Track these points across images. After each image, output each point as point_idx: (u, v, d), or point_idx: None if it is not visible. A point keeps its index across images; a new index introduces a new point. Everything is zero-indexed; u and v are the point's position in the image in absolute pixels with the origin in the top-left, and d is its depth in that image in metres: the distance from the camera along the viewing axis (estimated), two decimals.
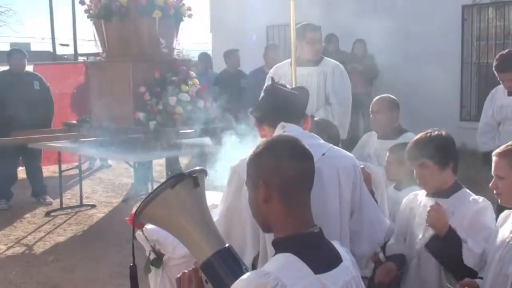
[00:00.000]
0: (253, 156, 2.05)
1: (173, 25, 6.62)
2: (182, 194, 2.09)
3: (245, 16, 12.37)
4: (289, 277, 1.81)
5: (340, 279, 1.91)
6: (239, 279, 1.85)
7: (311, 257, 1.87)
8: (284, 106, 2.63)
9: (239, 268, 2.01)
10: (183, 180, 2.09)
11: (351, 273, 1.98)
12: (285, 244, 1.91)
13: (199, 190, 2.14)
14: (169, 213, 2.10)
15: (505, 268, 2.58)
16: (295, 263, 1.85)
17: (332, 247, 1.99)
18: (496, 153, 2.65)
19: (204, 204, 2.17)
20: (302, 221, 1.95)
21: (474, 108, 10.38)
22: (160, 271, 3.35)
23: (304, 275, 1.83)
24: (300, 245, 1.89)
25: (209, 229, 2.10)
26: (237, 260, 2.05)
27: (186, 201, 2.09)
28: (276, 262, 1.88)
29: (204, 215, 2.12)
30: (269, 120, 2.63)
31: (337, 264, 1.94)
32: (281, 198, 1.94)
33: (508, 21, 10.00)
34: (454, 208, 2.96)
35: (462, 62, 10.30)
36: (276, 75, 5.34)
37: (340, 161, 2.53)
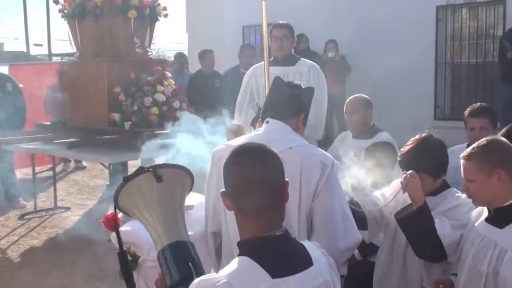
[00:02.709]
0: None
1: (149, 25, 6.58)
2: (141, 187, 2.19)
3: (221, 16, 12.35)
4: (242, 281, 1.80)
5: (305, 283, 1.88)
6: (191, 283, 1.86)
7: (269, 260, 1.84)
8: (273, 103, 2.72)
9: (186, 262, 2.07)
10: (140, 175, 2.18)
11: (322, 277, 1.94)
12: (244, 248, 1.91)
13: (165, 184, 2.18)
14: (133, 205, 2.21)
15: (478, 265, 2.61)
16: (251, 268, 1.83)
17: (300, 249, 1.96)
18: (463, 156, 2.68)
19: (171, 198, 2.22)
20: (259, 224, 1.91)
21: (448, 108, 10.51)
22: (136, 273, 3.33)
23: (259, 280, 1.81)
24: (258, 248, 1.87)
25: (170, 223, 2.17)
26: (187, 255, 2.11)
27: (144, 194, 2.19)
28: (232, 266, 1.87)
29: (168, 209, 2.19)
30: (261, 116, 2.77)
31: (304, 268, 1.90)
32: (234, 205, 1.96)
33: (481, 22, 10.14)
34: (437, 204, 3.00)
35: (436, 62, 10.41)
36: (253, 75, 5.35)
37: (306, 157, 2.54)
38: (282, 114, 2.70)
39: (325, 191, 2.53)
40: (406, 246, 3.07)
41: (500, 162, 2.58)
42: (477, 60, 10.13)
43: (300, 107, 2.76)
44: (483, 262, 2.58)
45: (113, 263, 2.20)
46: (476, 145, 2.67)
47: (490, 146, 2.63)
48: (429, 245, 2.89)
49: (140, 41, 6.44)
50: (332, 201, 2.55)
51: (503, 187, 2.58)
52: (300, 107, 2.76)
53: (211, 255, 2.80)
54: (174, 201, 2.22)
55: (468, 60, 10.26)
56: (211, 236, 2.76)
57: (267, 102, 2.86)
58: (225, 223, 2.62)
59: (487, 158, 2.60)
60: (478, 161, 2.61)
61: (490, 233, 2.61)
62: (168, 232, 2.14)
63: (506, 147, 2.65)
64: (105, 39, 6.36)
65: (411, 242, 2.97)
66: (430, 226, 2.85)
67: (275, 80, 2.87)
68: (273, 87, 2.88)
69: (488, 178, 2.58)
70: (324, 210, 2.52)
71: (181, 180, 2.27)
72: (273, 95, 2.82)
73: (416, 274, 3.06)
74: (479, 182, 2.61)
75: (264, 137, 2.51)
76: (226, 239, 2.65)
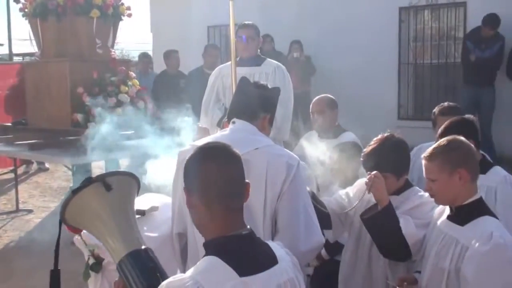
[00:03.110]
0: (184, 165, 2.06)
1: (112, 24, 6.51)
2: (90, 197, 2.13)
3: (185, 16, 12.29)
4: (211, 280, 1.81)
5: (271, 281, 1.90)
6: (160, 285, 1.85)
7: (236, 259, 1.86)
8: (239, 103, 2.73)
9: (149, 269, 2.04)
10: (89, 185, 2.13)
11: (287, 275, 1.97)
12: (211, 247, 1.92)
13: (115, 193, 2.14)
14: (84, 217, 2.15)
15: (441, 262, 2.65)
16: (219, 266, 1.84)
17: (265, 248, 1.98)
18: (424, 157, 2.72)
19: (122, 206, 2.17)
20: (226, 223, 1.93)
21: (411, 108, 10.65)
22: (100, 276, 3.27)
23: (227, 278, 1.82)
24: (225, 247, 1.89)
25: (125, 231, 2.13)
26: (150, 262, 2.07)
27: (96, 205, 2.13)
28: (199, 265, 1.88)
29: (120, 217, 2.15)
30: (227, 116, 2.78)
31: (270, 266, 1.93)
32: (201, 202, 1.95)
33: (443, 23, 10.30)
34: (401, 203, 3.03)
35: (399, 62, 10.55)
36: (219, 75, 5.33)
37: (272, 158, 2.54)
38: (248, 114, 2.70)
39: (290, 192, 2.53)
40: (371, 245, 3.10)
41: (461, 162, 2.63)
42: (439, 61, 10.29)
43: (266, 107, 2.76)
44: (445, 260, 2.62)
45: (76, 266, 2.15)
46: (437, 145, 2.71)
47: (450, 146, 2.67)
48: (394, 245, 2.92)
49: (103, 41, 6.36)
50: (296, 203, 2.56)
51: (464, 186, 2.63)
52: (266, 107, 2.76)
53: (176, 256, 2.78)
54: (126, 208, 2.19)
55: (430, 61, 10.42)
56: (176, 237, 2.75)
57: (233, 102, 2.86)
58: (191, 224, 2.60)
59: (448, 158, 2.64)
60: (439, 161, 2.65)
61: (452, 231, 2.66)
62: (126, 241, 2.10)
63: (466, 147, 2.69)
64: (67, 38, 6.28)
65: (376, 242, 3.00)
66: (395, 226, 2.88)
67: (242, 80, 2.87)
68: (239, 87, 2.87)
69: (449, 177, 2.62)
70: (287, 211, 2.53)
71: (129, 185, 2.24)
72: (239, 96, 2.82)
73: (381, 272, 3.09)
74: (441, 182, 2.65)
75: (230, 138, 2.50)
76: (191, 240, 2.64)
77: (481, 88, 8.89)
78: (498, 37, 8.82)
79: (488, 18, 8.70)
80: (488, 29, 8.73)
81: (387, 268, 3.07)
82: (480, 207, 2.67)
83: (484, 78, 8.86)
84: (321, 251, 4.06)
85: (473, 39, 8.98)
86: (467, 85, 9.11)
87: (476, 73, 8.85)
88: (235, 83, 4.13)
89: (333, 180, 4.23)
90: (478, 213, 2.62)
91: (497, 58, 8.84)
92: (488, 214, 2.64)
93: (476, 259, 2.48)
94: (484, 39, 8.83)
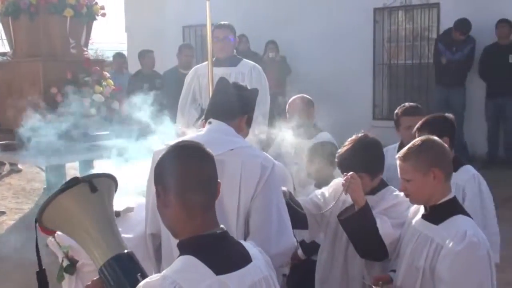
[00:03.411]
0: (156, 164, 2.04)
1: (86, 24, 6.45)
2: (76, 198, 2.08)
3: (160, 16, 12.22)
4: (187, 279, 1.81)
5: (246, 279, 1.92)
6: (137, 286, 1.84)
7: (212, 258, 1.87)
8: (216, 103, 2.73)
9: (134, 273, 2.01)
10: (76, 185, 2.08)
11: (261, 273, 1.99)
12: (186, 247, 1.91)
13: (99, 195, 2.10)
14: (65, 218, 2.09)
15: (416, 261, 2.67)
16: (195, 265, 1.85)
17: (239, 247, 2.00)
18: (399, 157, 2.73)
19: (106, 209, 2.14)
20: (202, 222, 1.93)
21: (386, 108, 10.74)
22: (74, 278, 3.25)
23: (204, 277, 1.83)
24: (200, 246, 1.89)
25: (108, 234, 2.09)
26: (134, 266, 2.05)
27: (81, 206, 2.09)
28: (175, 265, 1.87)
29: (104, 220, 2.11)
30: (205, 116, 2.77)
31: (244, 265, 1.94)
32: (177, 201, 1.93)
33: (416, 24, 10.40)
34: (376, 203, 3.05)
35: (374, 63, 10.62)
36: (196, 76, 5.32)
37: (247, 159, 2.54)
38: (226, 115, 2.69)
39: (263, 194, 2.53)
40: (347, 245, 3.11)
41: (435, 161, 2.65)
42: (413, 61, 10.40)
43: (244, 108, 2.75)
44: (420, 258, 2.65)
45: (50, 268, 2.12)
46: (411, 145, 2.73)
47: (424, 146, 2.70)
48: (371, 245, 2.93)
49: (77, 41, 6.30)
50: (269, 205, 2.56)
51: (438, 185, 2.65)
52: (244, 108, 2.75)
53: (150, 256, 2.76)
54: (107, 210, 2.16)
55: (404, 61, 10.51)
56: (149, 238, 2.73)
57: (211, 102, 2.85)
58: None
59: (422, 158, 2.66)
60: (414, 161, 2.67)
61: (427, 230, 2.68)
62: (109, 245, 2.07)
63: (440, 147, 2.72)
64: (40, 38, 6.20)
65: (353, 242, 3.01)
66: (372, 226, 2.90)
67: (220, 81, 2.85)
68: (217, 88, 2.86)
69: (424, 177, 2.64)
70: (259, 213, 2.53)
71: (108, 187, 2.22)
72: (218, 96, 2.81)
73: (357, 272, 3.10)
74: (415, 182, 2.67)
75: (206, 138, 2.49)
76: (166, 240, 2.62)
77: (452, 89, 9.08)
78: (469, 39, 8.97)
79: (459, 24, 8.88)
80: (459, 34, 8.91)
81: (363, 267, 3.09)
82: (454, 206, 2.70)
83: (455, 79, 9.03)
84: (298, 251, 4.08)
85: (444, 41, 9.13)
86: (439, 85, 9.29)
87: (447, 74, 9.03)
88: (211, 83, 4.12)
89: (309, 180, 4.25)
90: (452, 212, 2.65)
91: (467, 60, 9.02)
92: (461, 213, 2.67)
93: (451, 258, 2.51)
94: (456, 42, 8.98)
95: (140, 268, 2.08)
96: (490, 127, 9.04)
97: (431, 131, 3.47)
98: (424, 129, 3.49)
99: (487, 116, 9.05)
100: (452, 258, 2.50)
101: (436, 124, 3.51)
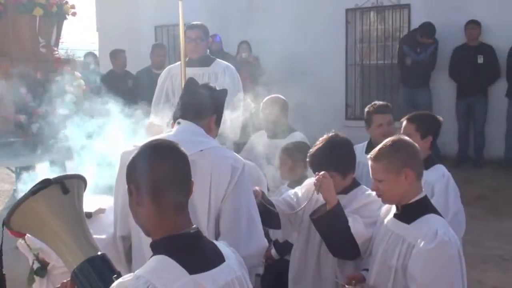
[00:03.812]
0: (128, 163, 2.02)
1: (56, 23, 6.35)
2: (48, 200, 2.04)
3: (132, 15, 12.13)
4: (162, 279, 1.80)
5: (220, 278, 1.92)
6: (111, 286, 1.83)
7: (186, 258, 1.87)
8: (185, 104, 2.73)
9: (108, 276, 1.99)
10: (47, 187, 2.04)
11: (234, 273, 1.99)
12: (160, 246, 1.90)
13: (71, 196, 2.07)
14: (36, 220, 2.05)
15: (388, 260, 2.69)
16: (169, 265, 1.84)
17: (212, 247, 2.00)
18: (371, 157, 2.76)
19: (78, 210, 2.11)
20: (176, 222, 1.93)
21: (358, 107, 10.81)
22: (45, 281, 3.20)
23: (177, 276, 1.82)
24: (174, 246, 1.89)
25: (81, 237, 2.07)
26: (109, 268, 2.03)
27: (53, 208, 2.05)
28: (149, 265, 1.87)
29: (76, 222, 2.08)
30: (173, 117, 2.77)
31: (218, 264, 1.95)
32: (151, 201, 1.92)
33: (388, 25, 10.50)
34: (349, 202, 3.07)
35: (346, 63, 10.69)
36: (169, 76, 5.29)
37: (217, 160, 2.54)
38: (195, 115, 2.68)
39: (233, 196, 2.54)
40: (320, 244, 3.13)
41: (407, 162, 2.68)
42: (385, 62, 10.49)
43: (213, 108, 2.75)
44: (392, 257, 2.67)
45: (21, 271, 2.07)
46: (382, 146, 2.75)
47: (395, 146, 2.72)
48: (344, 244, 2.95)
49: (47, 40, 6.20)
50: (239, 206, 2.56)
51: (410, 185, 2.68)
52: (213, 108, 2.75)
53: (121, 259, 2.74)
54: (79, 212, 2.12)
55: (376, 62, 10.60)
56: (120, 240, 2.71)
57: (179, 103, 2.84)
58: (136, 226, 2.56)
59: (394, 158, 2.68)
60: (385, 162, 2.69)
61: (399, 229, 2.70)
62: (81, 247, 2.04)
63: (411, 147, 2.75)
64: (9, 37, 6.08)
65: (326, 241, 3.03)
66: (344, 225, 2.91)
67: (189, 81, 2.86)
68: (186, 88, 2.86)
69: (396, 177, 2.66)
70: (230, 214, 2.53)
71: (79, 188, 2.19)
72: (186, 96, 2.80)
73: (330, 271, 3.12)
74: (387, 182, 2.69)
75: (175, 139, 2.47)
76: (136, 242, 2.60)
77: (417, 89, 9.22)
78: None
79: (424, 28, 9.06)
80: (426, 38, 9.05)
81: (336, 266, 3.10)
82: (425, 205, 2.73)
83: (420, 80, 9.18)
84: (271, 250, 4.08)
85: (408, 42, 9.26)
86: (405, 86, 9.42)
87: (412, 75, 9.18)
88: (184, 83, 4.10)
89: (282, 179, 4.26)
90: (423, 212, 2.68)
91: (431, 61, 9.15)
92: (433, 212, 2.70)
93: (422, 257, 2.53)
94: (419, 43, 9.12)
95: (114, 270, 2.05)
96: (460, 127, 9.16)
97: (418, 126, 3.57)
98: (413, 122, 3.58)
99: (458, 116, 9.18)
100: (423, 257, 2.53)
101: (426, 121, 3.63)
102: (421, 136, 3.59)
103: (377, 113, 4.12)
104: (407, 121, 3.66)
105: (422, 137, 3.59)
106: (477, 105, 8.97)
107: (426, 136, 3.62)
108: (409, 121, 3.66)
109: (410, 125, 3.64)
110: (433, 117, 3.72)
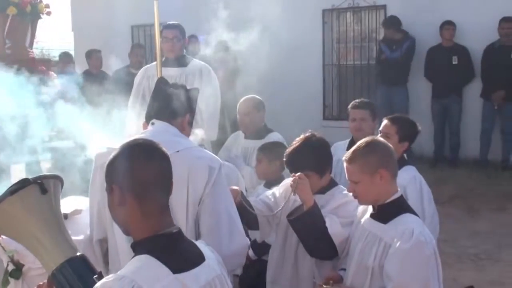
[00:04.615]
0: (108, 162, 2.01)
1: (30, 22, 6.27)
2: (26, 201, 2.01)
3: (108, 14, 12.03)
4: (146, 278, 1.80)
5: (202, 277, 1.93)
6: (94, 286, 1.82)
7: (169, 257, 1.87)
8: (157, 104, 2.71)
9: (89, 276, 1.98)
10: (26, 187, 2.01)
11: (215, 272, 2.00)
12: (143, 246, 1.90)
13: (49, 196, 2.05)
14: (14, 221, 2.02)
15: (365, 260, 2.71)
16: (152, 264, 1.84)
17: (193, 246, 2.00)
18: (345, 159, 2.77)
19: (56, 211, 2.09)
20: (159, 222, 1.93)
21: (336, 108, 10.87)
22: (20, 283, 3.17)
23: (161, 276, 1.82)
24: (157, 246, 1.88)
25: (59, 237, 2.05)
26: (89, 269, 2.02)
27: (31, 208, 2.02)
28: (132, 264, 1.86)
29: (54, 223, 2.05)
30: (146, 118, 2.75)
31: (199, 263, 1.95)
32: (135, 200, 1.91)
33: (364, 25, 10.57)
34: (326, 202, 3.07)
35: (323, 63, 10.73)
36: (145, 76, 5.26)
37: (193, 161, 2.54)
38: (168, 115, 2.67)
39: (212, 196, 2.53)
40: (298, 245, 3.13)
41: (381, 163, 2.70)
42: (362, 62, 10.56)
43: (185, 108, 2.74)
44: (369, 257, 2.68)
45: None
46: (357, 147, 2.76)
47: (370, 148, 2.74)
48: (321, 244, 2.96)
49: (21, 40, 6.12)
50: (218, 206, 2.56)
51: (385, 185, 2.70)
52: (185, 108, 2.74)
53: (99, 261, 2.72)
54: (56, 213, 2.10)
55: (353, 62, 10.66)
56: (97, 244, 2.69)
57: (151, 103, 2.81)
58: (111, 229, 2.54)
59: (368, 159, 2.70)
60: (360, 164, 2.71)
61: (375, 229, 2.72)
62: (60, 248, 2.01)
63: (385, 147, 2.77)
64: None
65: (303, 242, 3.03)
66: (321, 226, 2.92)
67: (159, 81, 2.85)
68: (157, 88, 2.84)
69: (371, 178, 2.68)
70: (209, 215, 2.53)
71: (56, 189, 2.16)
72: (158, 96, 2.79)
73: (308, 271, 3.12)
74: (363, 183, 2.70)
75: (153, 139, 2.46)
76: (113, 244, 2.58)
77: (394, 88, 9.30)
78: (407, 37, 9.22)
79: (387, 22, 9.23)
80: (393, 30, 9.17)
81: (313, 266, 3.11)
82: (401, 205, 2.75)
83: (396, 77, 9.26)
84: (249, 251, 4.08)
85: (386, 40, 9.36)
86: (382, 85, 9.51)
87: (389, 73, 9.26)
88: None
89: (259, 179, 4.26)
90: (399, 211, 2.70)
91: (407, 58, 9.23)
92: (408, 211, 2.73)
93: (398, 256, 2.55)
94: (395, 41, 9.21)
95: (94, 270, 2.04)
96: (436, 127, 9.25)
97: (399, 129, 3.61)
98: (394, 123, 3.63)
99: (433, 116, 9.27)
100: (399, 256, 2.55)
101: (407, 126, 3.67)
102: (399, 139, 3.62)
103: (352, 108, 4.23)
104: (389, 121, 3.69)
105: (400, 140, 3.62)
106: (452, 106, 9.07)
107: (404, 141, 3.66)
108: (391, 121, 3.69)
109: (391, 125, 3.67)
110: (414, 124, 3.77)
